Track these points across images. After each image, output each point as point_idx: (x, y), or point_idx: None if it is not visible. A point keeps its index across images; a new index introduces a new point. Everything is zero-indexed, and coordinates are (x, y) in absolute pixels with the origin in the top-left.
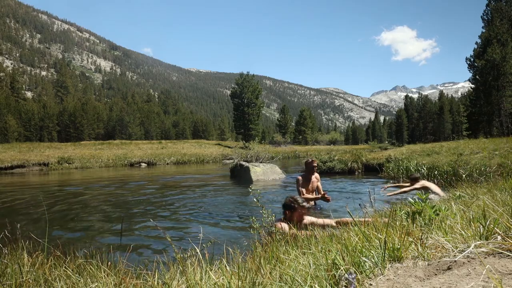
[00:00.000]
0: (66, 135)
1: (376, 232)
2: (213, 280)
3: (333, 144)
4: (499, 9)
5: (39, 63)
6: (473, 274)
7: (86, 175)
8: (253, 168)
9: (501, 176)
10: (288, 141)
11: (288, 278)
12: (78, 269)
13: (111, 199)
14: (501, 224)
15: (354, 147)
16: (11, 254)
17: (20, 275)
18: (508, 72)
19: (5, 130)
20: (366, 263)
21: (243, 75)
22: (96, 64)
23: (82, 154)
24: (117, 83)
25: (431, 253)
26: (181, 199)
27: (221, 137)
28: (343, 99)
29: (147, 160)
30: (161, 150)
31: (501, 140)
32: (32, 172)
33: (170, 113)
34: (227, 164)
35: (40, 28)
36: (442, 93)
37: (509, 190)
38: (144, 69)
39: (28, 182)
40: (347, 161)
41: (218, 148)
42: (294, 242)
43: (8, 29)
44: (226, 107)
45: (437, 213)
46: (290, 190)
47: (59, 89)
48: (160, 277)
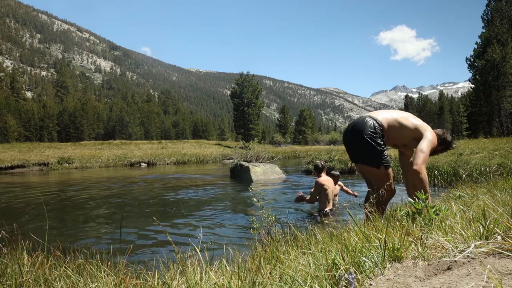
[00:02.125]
0: (66, 135)
1: (376, 232)
2: (213, 280)
3: (333, 144)
4: (499, 9)
5: (39, 63)
6: (473, 274)
7: (86, 175)
8: (253, 168)
9: (501, 176)
10: (288, 141)
11: (288, 278)
12: (78, 269)
13: (111, 199)
14: (501, 224)
15: None
16: (11, 254)
17: (20, 275)
18: (508, 72)
19: (5, 130)
20: (366, 263)
21: (243, 75)
22: (96, 64)
23: (82, 154)
24: (117, 83)
25: (431, 253)
26: (181, 199)
27: (221, 137)
28: (343, 99)
29: (147, 160)
30: (161, 150)
31: (501, 140)
32: (32, 172)
33: (170, 113)
34: (227, 164)
35: (40, 28)
36: (442, 93)
37: (509, 190)
38: (144, 69)
39: (28, 182)
40: (347, 161)
41: (218, 148)
42: (294, 242)
43: (8, 29)
44: (226, 107)
45: (437, 213)
46: (290, 190)
47: (59, 89)
48: (160, 277)
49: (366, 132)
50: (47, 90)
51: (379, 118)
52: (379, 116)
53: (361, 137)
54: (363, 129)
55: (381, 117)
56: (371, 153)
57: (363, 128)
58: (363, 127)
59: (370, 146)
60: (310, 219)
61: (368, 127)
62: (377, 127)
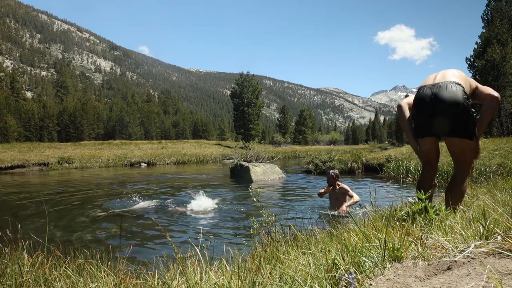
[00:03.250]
0: (66, 135)
1: (376, 232)
2: (213, 280)
3: (333, 144)
4: (499, 9)
5: (39, 63)
6: (473, 274)
7: (86, 175)
8: (253, 168)
9: (501, 176)
10: (288, 141)
11: (288, 278)
12: (78, 269)
13: (110, 199)
14: (501, 224)
15: (354, 147)
16: (11, 254)
17: (20, 275)
18: (508, 72)
19: (5, 130)
20: (366, 263)
21: (243, 75)
22: (96, 64)
23: (82, 154)
24: (117, 83)
25: (431, 253)
26: (181, 199)
27: (221, 137)
28: (343, 99)
29: (147, 160)
30: (161, 150)
31: (501, 140)
32: (32, 172)
33: (170, 113)
34: (227, 164)
35: (40, 28)
36: None
37: (509, 190)
38: (144, 69)
39: (28, 182)
40: (347, 161)
41: (218, 148)
42: (294, 242)
43: (8, 29)
44: (226, 107)
45: (437, 213)
46: (290, 190)
47: (59, 89)
48: (160, 277)
49: (463, 100)
50: (47, 90)
51: (461, 82)
52: (455, 79)
53: (457, 105)
54: (457, 97)
55: (459, 80)
56: (469, 123)
57: (457, 96)
58: (457, 94)
59: (468, 116)
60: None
61: (462, 93)
62: (466, 92)
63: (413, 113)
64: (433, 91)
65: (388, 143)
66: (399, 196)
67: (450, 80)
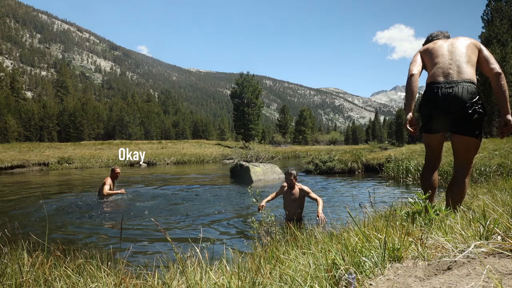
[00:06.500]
0: (66, 135)
1: (376, 232)
2: (213, 280)
3: (333, 144)
4: (499, 9)
5: (39, 63)
6: (473, 274)
7: (86, 175)
8: (253, 168)
9: (501, 176)
10: (288, 141)
11: (288, 278)
12: (78, 269)
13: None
14: (501, 224)
15: (354, 147)
16: (11, 254)
17: (20, 275)
18: (508, 72)
19: (5, 130)
20: (366, 263)
21: (243, 75)
22: (96, 64)
23: (82, 154)
24: (117, 83)
25: (431, 253)
26: (181, 200)
27: (221, 137)
28: (343, 99)
29: (147, 160)
30: (161, 150)
31: (501, 140)
32: (32, 172)
33: (170, 113)
34: (227, 164)
35: (40, 28)
36: None
37: (509, 190)
38: (144, 69)
39: (28, 182)
40: (347, 161)
41: (218, 148)
42: (294, 242)
43: (8, 29)
44: (226, 107)
45: (437, 213)
46: None
47: (59, 89)
48: (160, 277)
49: (476, 100)
50: (47, 90)
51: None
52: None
53: (471, 107)
54: (472, 99)
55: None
56: (480, 124)
57: (472, 98)
58: (472, 98)
59: (480, 117)
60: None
61: (476, 95)
62: (479, 92)
63: (424, 106)
64: (448, 91)
65: (388, 143)
66: (399, 196)
67: (466, 79)
